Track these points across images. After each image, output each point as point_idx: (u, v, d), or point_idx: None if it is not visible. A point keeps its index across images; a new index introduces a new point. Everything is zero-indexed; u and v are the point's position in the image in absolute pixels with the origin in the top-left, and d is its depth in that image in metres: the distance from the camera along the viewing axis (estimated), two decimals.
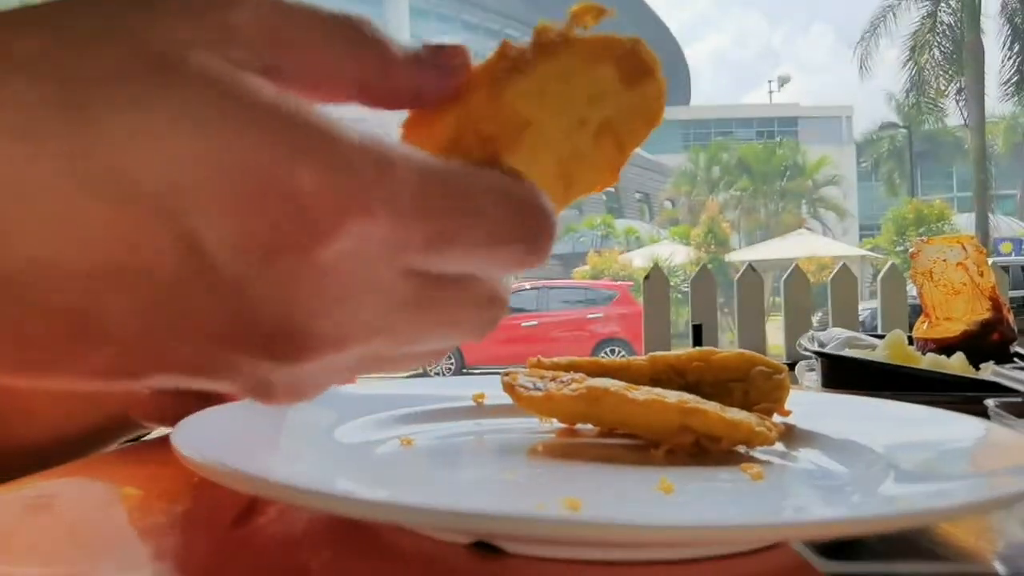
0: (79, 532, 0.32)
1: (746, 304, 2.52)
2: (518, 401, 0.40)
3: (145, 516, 0.34)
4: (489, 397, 0.48)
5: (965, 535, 0.31)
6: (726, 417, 0.37)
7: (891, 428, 0.41)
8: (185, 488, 0.36)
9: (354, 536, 0.29)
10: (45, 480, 0.40)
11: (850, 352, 0.77)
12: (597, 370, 0.45)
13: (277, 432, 0.41)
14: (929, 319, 0.83)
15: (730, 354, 0.45)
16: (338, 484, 0.33)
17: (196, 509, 0.35)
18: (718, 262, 14.57)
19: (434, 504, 0.24)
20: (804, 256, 13.16)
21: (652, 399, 0.38)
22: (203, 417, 0.37)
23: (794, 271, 2.61)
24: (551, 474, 0.37)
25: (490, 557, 0.26)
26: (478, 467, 0.40)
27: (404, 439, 0.41)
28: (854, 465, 0.36)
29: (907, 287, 2.51)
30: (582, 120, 0.26)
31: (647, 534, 0.23)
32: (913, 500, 0.31)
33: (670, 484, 0.32)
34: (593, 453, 0.40)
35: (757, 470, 0.34)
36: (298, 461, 0.36)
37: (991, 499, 0.27)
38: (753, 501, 0.33)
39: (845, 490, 0.34)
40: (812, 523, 0.26)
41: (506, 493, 0.35)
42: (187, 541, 0.31)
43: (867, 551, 0.29)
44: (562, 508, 0.26)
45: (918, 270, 0.86)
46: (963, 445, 0.38)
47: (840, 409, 0.47)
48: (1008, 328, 0.80)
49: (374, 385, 0.56)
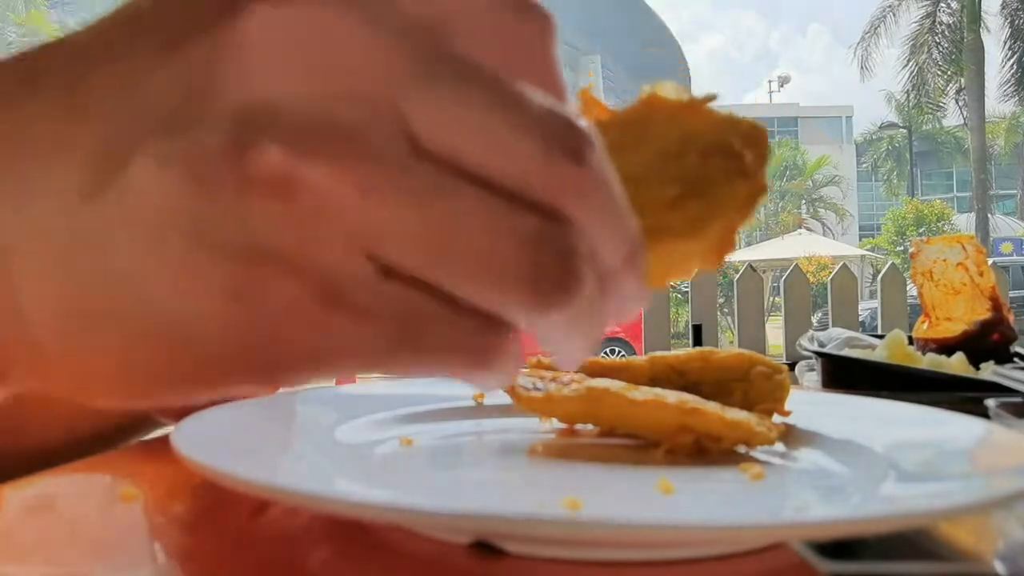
0: (79, 532, 0.32)
1: (746, 304, 2.52)
2: (518, 401, 0.40)
3: (145, 516, 0.34)
4: (489, 397, 0.48)
5: (965, 535, 0.31)
6: (726, 417, 0.37)
7: (891, 428, 0.41)
8: (185, 488, 0.36)
9: (354, 536, 0.29)
10: (45, 480, 0.40)
11: (850, 352, 0.77)
12: (597, 370, 0.45)
13: (277, 432, 0.41)
14: (929, 319, 0.83)
15: (730, 354, 0.45)
16: (338, 484, 0.33)
17: (196, 509, 0.35)
18: None
19: (434, 504, 0.24)
20: (804, 256, 13.15)
21: (652, 399, 0.38)
22: (203, 417, 0.37)
23: (794, 271, 2.61)
24: (551, 474, 0.37)
25: (490, 557, 0.26)
26: (478, 467, 0.40)
27: (404, 439, 0.41)
28: (854, 465, 0.36)
29: (907, 287, 2.51)
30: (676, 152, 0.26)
31: (647, 534, 0.23)
32: (913, 500, 0.31)
33: (670, 484, 0.32)
34: (593, 453, 0.40)
35: (757, 470, 0.34)
36: (298, 461, 0.36)
37: (991, 499, 0.27)
38: (753, 501, 0.33)
39: (845, 490, 0.34)
40: (812, 523, 0.26)
41: (506, 493, 0.35)
42: (187, 541, 0.31)
43: (867, 551, 0.29)
44: (562, 508, 0.26)
45: (918, 270, 0.86)
46: (963, 445, 0.38)
47: (840, 409, 0.47)
48: (1008, 328, 0.80)
49: (374, 385, 0.56)
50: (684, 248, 0.26)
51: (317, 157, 0.19)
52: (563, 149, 0.19)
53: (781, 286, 2.58)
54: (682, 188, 0.26)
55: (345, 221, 0.19)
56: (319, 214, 0.19)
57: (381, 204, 0.19)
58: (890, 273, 2.59)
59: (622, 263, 0.21)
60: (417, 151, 0.19)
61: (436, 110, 0.19)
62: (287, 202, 0.19)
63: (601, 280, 0.21)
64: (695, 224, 0.26)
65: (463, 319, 0.20)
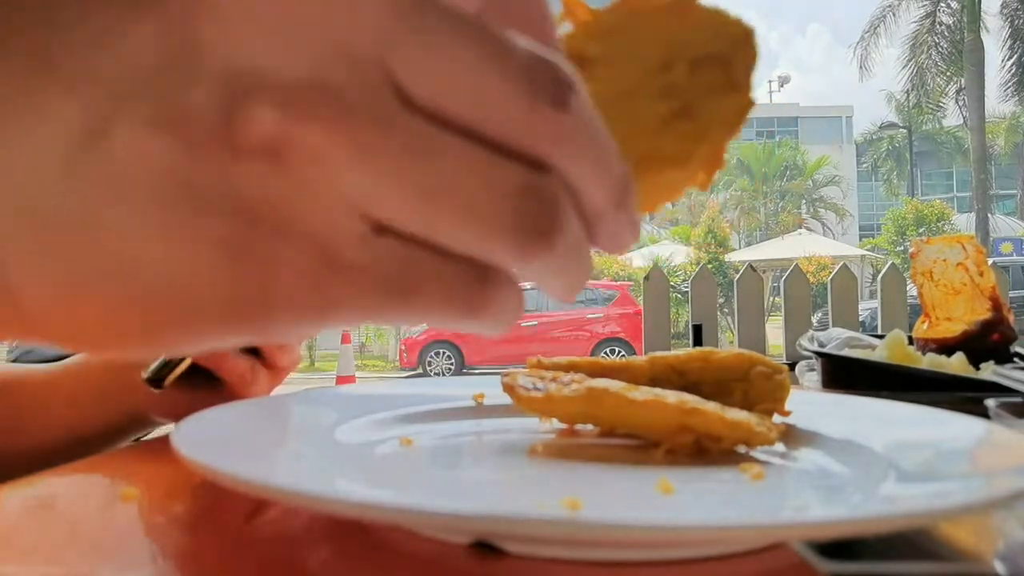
0: (79, 532, 0.32)
1: (746, 304, 2.52)
2: (518, 401, 0.40)
3: (145, 516, 0.34)
4: (489, 397, 0.48)
5: (965, 535, 0.31)
6: (726, 417, 0.37)
7: (891, 428, 0.41)
8: (185, 488, 0.36)
9: (354, 536, 0.29)
10: (45, 480, 0.40)
11: (850, 352, 0.77)
12: (597, 370, 0.45)
13: (277, 432, 0.41)
14: (929, 319, 0.83)
15: (730, 354, 0.45)
16: (338, 484, 0.33)
17: (196, 509, 0.35)
18: (718, 262, 14.56)
19: (434, 504, 0.24)
20: (804, 256, 13.16)
21: (652, 399, 0.38)
22: (203, 417, 0.37)
23: (794, 271, 2.61)
24: (551, 474, 0.37)
25: (490, 557, 0.26)
26: (478, 467, 0.40)
27: (404, 439, 0.41)
28: (854, 465, 0.36)
29: (907, 287, 2.51)
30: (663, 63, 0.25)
31: (647, 534, 0.23)
32: (913, 500, 0.31)
33: (670, 484, 0.32)
34: (593, 453, 0.40)
35: (757, 470, 0.34)
36: (298, 461, 0.36)
37: (991, 499, 0.27)
38: (753, 501, 0.33)
39: (845, 490, 0.34)
40: (812, 523, 0.26)
41: (506, 493, 0.35)
42: (187, 541, 0.31)
43: (867, 551, 0.29)
44: (562, 508, 0.26)
45: (918, 270, 0.86)
46: (963, 445, 0.38)
47: (840, 409, 0.47)
48: (1008, 328, 0.80)
49: (374, 385, 0.56)
50: (674, 175, 0.27)
51: (308, 119, 0.19)
52: (547, 98, 0.20)
53: (781, 286, 2.58)
54: (671, 105, 0.26)
55: (337, 181, 0.19)
56: (311, 175, 0.19)
57: (373, 163, 0.19)
58: (890, 273, 2.59)
59: (611, 205, 0.22)
60: (405, 104, 0.19)
61: (423, 64, 0.19)
62: (279, 164, 0.19)
63: (589, 222, 0.22)
64: (685, 146, 0.26)
65: (453, 269, 0.21)
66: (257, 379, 0.56)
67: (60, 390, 0.60)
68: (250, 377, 0.56)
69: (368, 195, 0.19)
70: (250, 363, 0.56)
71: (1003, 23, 18.97)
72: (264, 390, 0.57)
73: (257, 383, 0.56)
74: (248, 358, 0.56)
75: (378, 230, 0.20)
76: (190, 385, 0.55)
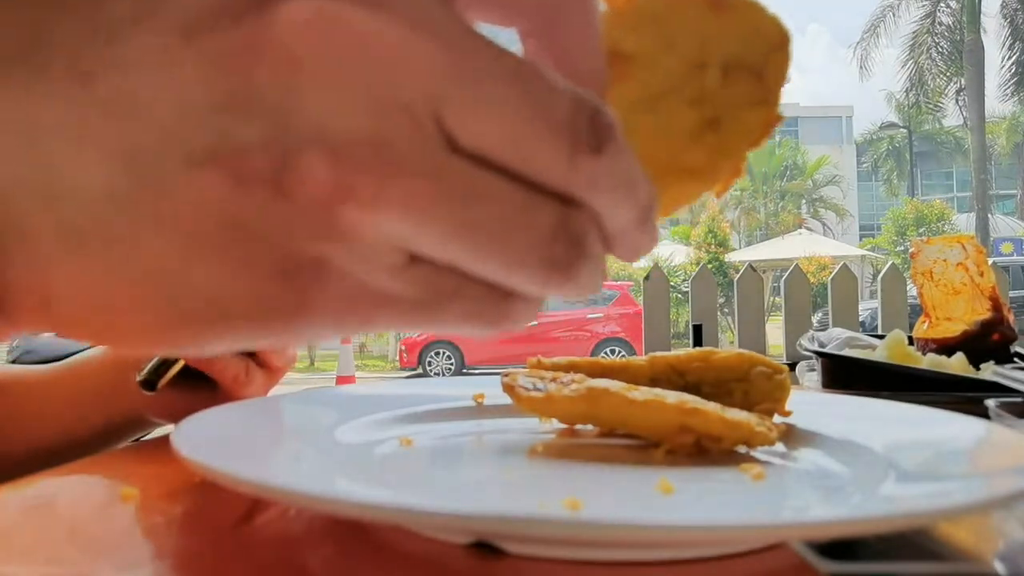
0: (79, 532, 0.32)
1: (746, 304, 2.52)
2: (518, 401, 0.40)
3: (145, 516, 0.34)
4: (489, 397, 0.48)
5: (965, 535, 0.31)
6: (726, 417, 0.37)
7: (891, 428, 0.41)
8: (185, 488, 0.36)
9: (354, 536, 0.29)
10: (45, 480, 0.40)
11: (850, 352, 0.77)
12: (597, 370, 0.45)
13: (277, 432, 0.41)
14: (929, 319, 0.83)
15: (730, 354, 0.45)
16: (338, 484, 0.33)
17: (196, 509, 0.35)
18: (718, 262, 14.56)
19: (434, 504, 0.24)
20: (804, 256, 13.16)
21: (652, 399, 0.37)
22: (203, 417, 0.37)
23: (794, 271, 2.61)
24: (551, 474, 0.37)
25: (490, 557, 0.26)
26: (478, 467, 0.40)
27: (404, 439, 0.41)
28: (854, 465, 0.36)
29: (907, 287, 2.51)
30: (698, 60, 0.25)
31: (647, 534, 0.23)
32: (913, 500, 0.31)
33: (670, 484, 0.32)
34: (593, 453, 0.40)
35: (757, 470, 0.34)
36: (298, 461, 0.36)
37: (991, 499, 0.27)
38: (753, 501, 0.33)
39: (845, 490, 0.34)
40: (812, 523, 0.26)
41: (506, 493, 0.35)
42: (187, 541, 0.31)
43: (867, 551, 0.29)
44: (562, 508, 0.26)
45: (918, 270, 0.86)
46: (963, 445, 0.38)
47: (840, 409, 0.47)
48: (1008, 328, 0.80)
49: (374, 385, 0.56)
50: (697, 187, 0.27)
51: (360, 172, 0.19)
52: (586, 148, 0.20)
53: (781, 286, 2.58)
54: (702, 113, 0.26)
55: (384, 227, 0.20)
56: (358, 221, 0.20)
57: (420, 210, 0.20)
58: (890, 273, 2.59)
59: (635, 225, 0.23)
60: (453, 150, 0.20)
61: (474, 114, 0.20)
62: (328, 211, 0.19)
63: (610, 240, 0.23)
64: (711, 160, 0.26)
65: (478, 291, 0.22)
66: (252, 380, 0.56)
67: (59, 391, 0.60)
68: (244, 378, 0.56)
69: (411, 236, 0.20)
70: (244, 364, 0.56)
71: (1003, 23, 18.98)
72: (260, 390, 0.57)
73: (252, 383, 0.56)
74: (242, 359, 0.56)
75: (413, 258, 0.21)
76: (185, 387, 0.55)
